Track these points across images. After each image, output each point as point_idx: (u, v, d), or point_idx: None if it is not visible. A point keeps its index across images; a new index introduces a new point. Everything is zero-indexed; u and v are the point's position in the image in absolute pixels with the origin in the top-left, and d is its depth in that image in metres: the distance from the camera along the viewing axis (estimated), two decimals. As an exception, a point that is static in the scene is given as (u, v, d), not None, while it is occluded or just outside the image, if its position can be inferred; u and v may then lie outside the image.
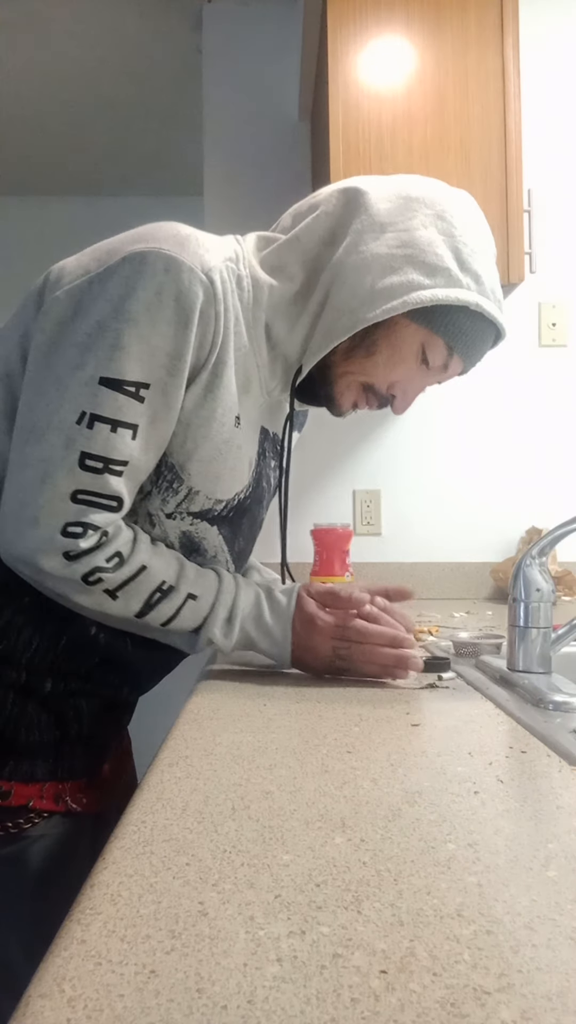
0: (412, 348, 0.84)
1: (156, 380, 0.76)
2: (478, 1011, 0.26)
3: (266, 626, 0.84)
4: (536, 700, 0.71)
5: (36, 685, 0.82)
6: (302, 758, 0.55)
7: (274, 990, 0.27)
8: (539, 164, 2.00)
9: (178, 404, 0.78)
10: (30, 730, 0.81)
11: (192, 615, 0.82)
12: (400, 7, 1.49)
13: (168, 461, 0.82)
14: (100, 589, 0.77)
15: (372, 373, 0.86)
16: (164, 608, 0.80)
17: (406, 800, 0.47)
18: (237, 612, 0.83)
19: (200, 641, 0.83)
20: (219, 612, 0.82)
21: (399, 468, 2.06)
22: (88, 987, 0.28)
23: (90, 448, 0.74)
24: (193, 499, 0.85)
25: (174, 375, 0.76)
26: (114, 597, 0.78)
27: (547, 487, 2.04)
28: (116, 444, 0.75)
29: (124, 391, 0.74)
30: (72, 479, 0.74)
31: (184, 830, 0.42)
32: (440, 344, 0.84)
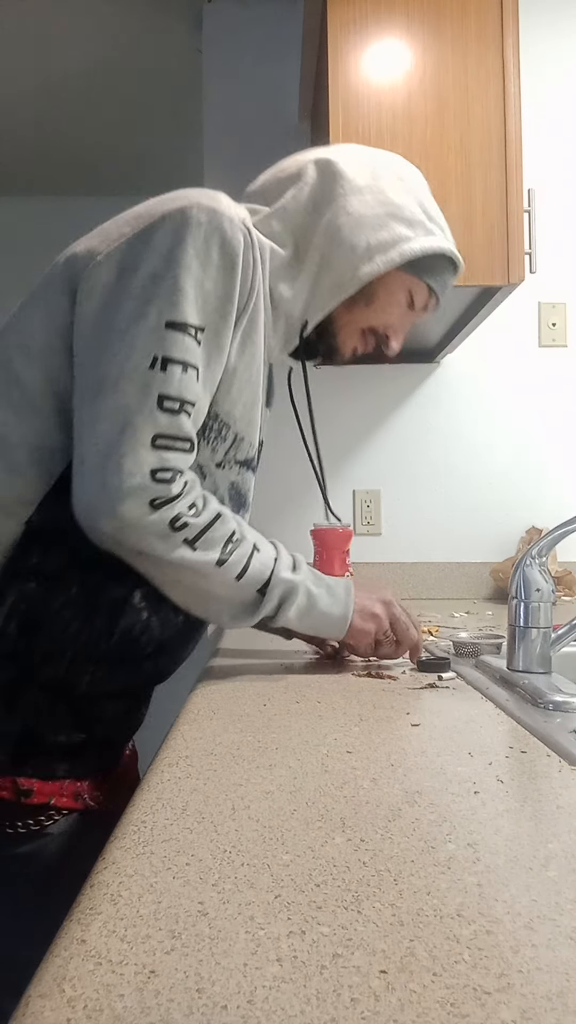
0: (402, 293, 0.96)
1: (210, 324, 0.80)
2: (478, 1011, 0.26)
3: (327, 584, 0.88)
4: (536, 700, 0.71)
5: (72, 683, 0.81)
6: (302, 758, 0.55)
7: (274, 990, 0.27)
8: (539, 164, 2.00)
9: (227, 348, 0.83)
10: (57, 731, 0.81)
11: (260, 567, 0.83)
12: (400, 7, 1.49)
13: (213, 410, 0.85)
14: (181, 538, 0.78)
15: (371, 318, 0.97)
16: (237, 556, 0.81)
17: (406, 800, 0.47)
18: (300, 569, 0.86)
19: (269, 597, 0.83)
20: (284, 561, 0.85)
21: (399, 468, 2.06)
22: (88, 987, 0.28)
23: (166, 390, 0.77)
24: (239, 446, 0.90)
25: (225, 318, 0.81)
26: (194, 548, 0.78)
27: (547, 487, 2.04)
28: (188, 384, 0.78)
29: (189, 333, 0.78)
30: (152, 423, 0.76)
31: (184, 830, 0.42)
32: (423, 288, 0.97)
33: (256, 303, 0.86)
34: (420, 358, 2.04)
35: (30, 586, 0.80)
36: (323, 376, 2.06)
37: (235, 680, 0.84)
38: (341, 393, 2.06)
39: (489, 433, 2.06)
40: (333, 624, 0.87)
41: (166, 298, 0.77)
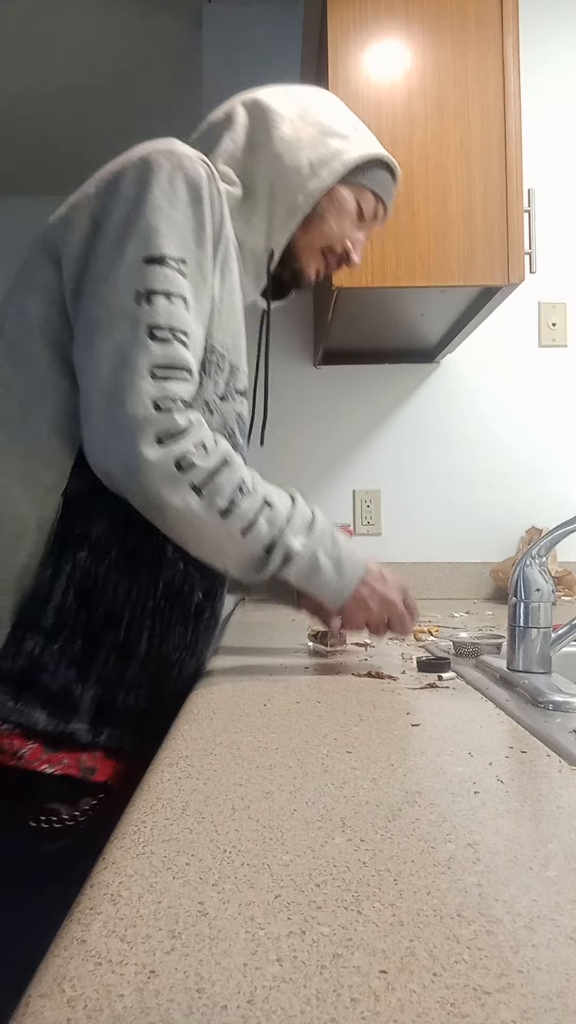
0: (351, 205, 1.00)
1: (190, 255, 0.82)
2: (478, 1011, 0.26)
3: (338, 557, 0.87)
4: (536, 700, 0.71)
5: (135, 644, 0.84)
6: (302, 758, 0.55)
7: (274, 990, 0.27)
8: (539, 164, 2.00)
9: (210, 277, 0.85)
10: (129, 694, 0.84)
11: (268, 525, 0.82)
12: (400, 7, 1.49)
13: (209, 344, 0.87)
14: (188, 482, 0.77)
15: (328, 236, 1.01)
16: (245, 508, 0.81)
17: (406, 800, 0.47)
18: (315, 532, 0.86)
19: (273, 558, 0.83)
20: (296, 522, 0.84)
21: (399, 468, 2.06)
22: (88, 987, 0.28)
23: (155, 320, 0.78)
24: (235, 375, 0.93)
25: (202, 248, 0.84)
26: (200, 494, 0.78)
27: (547, 487, 2.04)
28: (175, 312, 0.79)
29: (169, 265, 0.80)
30: (147, 355, 0.77)
31: (184, 830, 0.42)
32: (369, 195, 1.01)
33: (227, 234, 0.89)
34: (420, 358, 2.04)
35: (81, 555, 0.82)
36: (324, 376, 2.06)
37: (235, 680, 0.84)
38: (341, 393, 2.06)
39: (489, 433, 2.06)
40: (327, 597, 0.88)
41: (140, 236, 0.80)
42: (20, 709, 0.80)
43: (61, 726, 0.81)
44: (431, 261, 1.47)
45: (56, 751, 0.81)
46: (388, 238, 1.47)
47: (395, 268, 1.47)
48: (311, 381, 2.07)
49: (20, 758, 0.80)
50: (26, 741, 0.80)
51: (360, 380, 2.06)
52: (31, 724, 0.80)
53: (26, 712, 0.80)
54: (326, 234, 1.01)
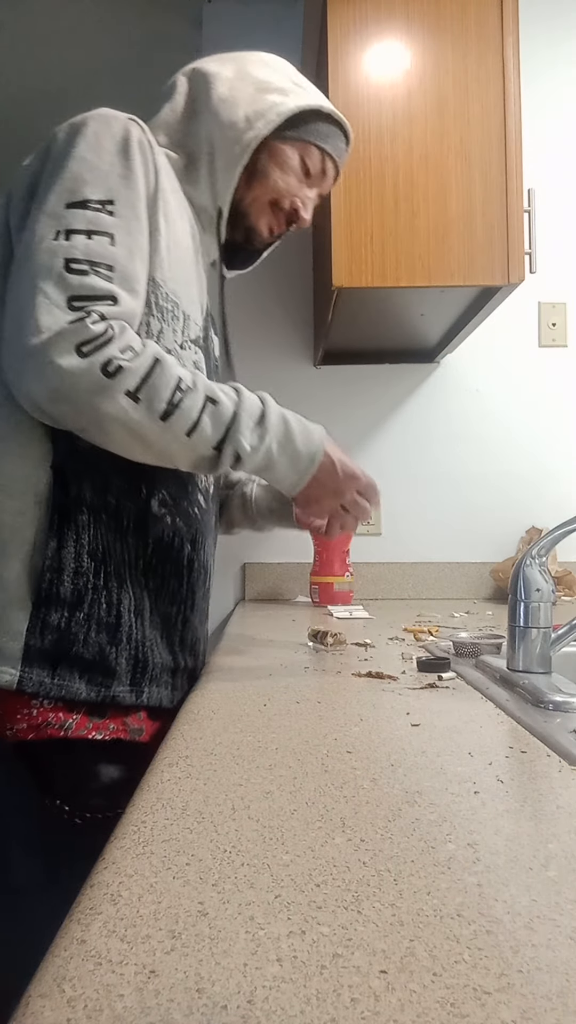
0: (294, 160, 1.01)
1: (117, 195, 0.83)
2: (478, 1011, 0.26)
3: (293, 448, 0.86)
4: (536, 700, 0.71)
5: (140, 602, 0.87)
6: (302, 758, 0.55)
7: (274, 990, 0.27)
8: (539, 164, 2.00)
9: (144, 216, 0.86)
10: (155, 652, 0.86)
11: (214, 423, 0.81)
12: (400, 7, 1.49)
13: (164, 291, 0.89)
14: (122, 389, 0.76)
15: (273, 191, 1.02)
16: (186, 407, 0.79)
17: (406, 800, 0.47)
18: (268, 424, 0.85)
19: (224, 456, 0.82)
20: (243, 419, 0.83)
21: (399, 468, 2.06)
22: (88, 987, 0.28)
23: (72, 254, 0.78)
24: (188, 324, 0.93)
25: (132, 188, 0.84)
26: (136, 399, 0.77)
27: (547, 487, 2.04)
28: (95, 248, 0.79)
29: (91, 208, 0.81)
30: (63, 285, 0.77)
31: (184, 830, 0.42)
32: (312, 149, 1.02)
33: (163, 184, 0.90)
34: (420, 358, 2.04)
35: (82, 519, 0.84)
36: (324, 376, 2.06)
37: (235, 680, 0.84)
38: (341, 393, 2.06)
39: (489, 433, 2.06)
40: (285, 487, 0.89)
41: (63, 186, 0.82)
42: (59, 683, 0.80)
43: (103, 692, 0.82)
44: (431, 261, 1.47)
45: (102, 717, 0.82)
46: (388, 238, 1.47)
47: (395, 268, 1.47)
48: (311, 381, 2.07)
49: (67, 729, 0.81)
50: (70, 713, 0.81)
51: (360, 380, 2.06)
52: (72, 695, 0.81)
53: (65, 685, 0.81)
54: (271, 189, 1.01)
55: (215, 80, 0.99)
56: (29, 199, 0.85)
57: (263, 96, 0.98)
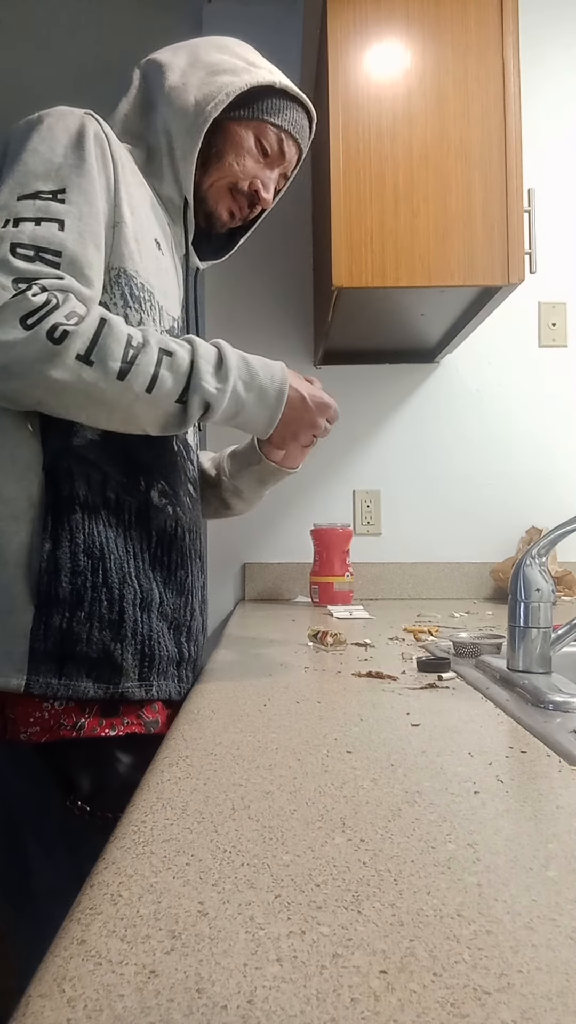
0: (249, 141, 1.00)
1: (70, 183, 0.83)
2: (478, 1011, 0.26)
3: (259, 385, 0.85)
4: (536, 700, 0.71)
5: (150, 594, 0.86)
6: (302, 758, 0.55)
7: (274, 990, 0.27)
8: (539, 164, 2.00)
9: (99, 202, 0.84)
10: (161, 646, 0.86)
11: (173, 375, 0.80)
12: (400, 7, 1.49)
13: (138, 281, 0.88)
14: (72, 354, 0.75)
15: (230, 173, 1.00)
16: (143, 363, 0.78)
17: (406, 800, 0.47)
18: (229, 364, 0.84)
19: (190, 407, 0.81)
20: (202, 366, 0.81)
21: (399, 468, 2.06)
22: (88, 987, 0.28)
23: (18, 239, 0.78)
24: (161, 314, 0.92)
25: (83, 176, 0.83)
26: (89, 362, 0.76)
27: (547, 487, 2.04)
28: (43, 234, 0.79)
29: (41, 198, 0.81)
30: (7, 269, 0.76)
31: (184, 830, 0.42)
32: (267, 128, 1.00)
33: (123, 177, 0.89)
34: (420, 358, 2.04)
35: (75, 517, 0.83)
36: (324, 376, 2.06)
37: (235, 680, 0.84)
38: (341, 393, 2.06)
39: (489, 433, 2.06)
40: (258, 430, 0.89)
41: (15, 178, 0.82)
42: (66, 684, 0.80)
43: (112, 689, 0.82)
44: (431, 261, 1.47)
45: (115, 714, 0.82)
46: (388, 238, 1.47)
47: (395, 268, 1.47)
48: (311, 381, 2.07)
49: (79, 729, 0.81)
50: (82, 712, 0.81)
51: (360, 380, 2.06)
52: (81, 695, 0.81)
53: (72, 685, 0.81)
54: (227, 172, 1.00)
55: (167, 70, 0.98)
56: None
57: (213, 79, 0.96)
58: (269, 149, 1.01)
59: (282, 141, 1.02)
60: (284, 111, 1.01)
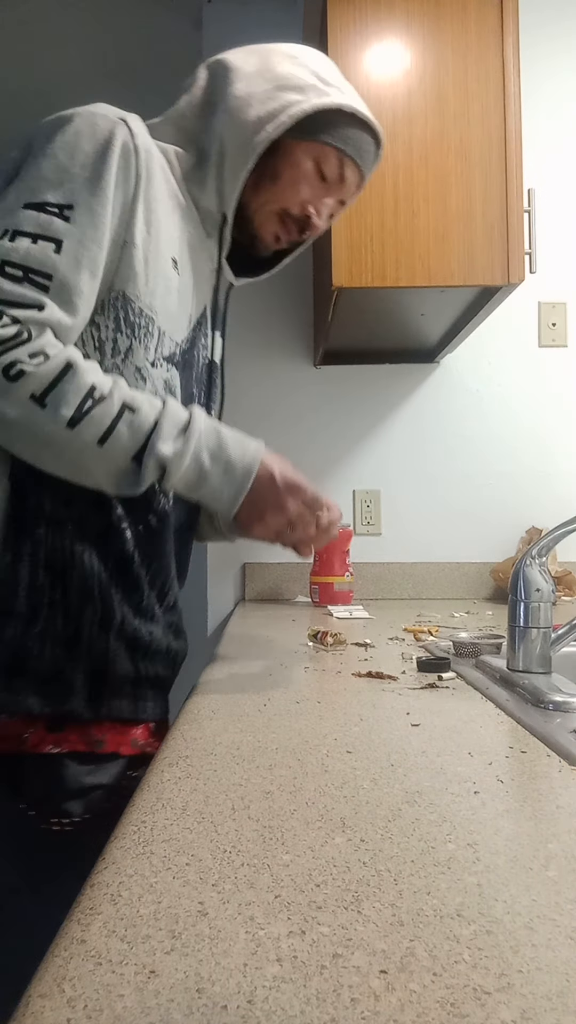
0: (308, 164, 0.93)
1: (79, 201, 0.79)
2: (478, 1011, 0.26)
3: (227, 461, 0.80)
4: (536, 700, 0.71)
5: (111, 616, 0.83)
6: (302, 758, 0.55)
7: (274, 990, 0.27)
8: (539, 164, 2.00)
9: (106, 226, 0.80)
10: (117, 665, 0.83)
11: (131, 432, 0.76)
12: (400, 7, 1.49)
13: (137, 306, 0.85)
14: (26, 393, 0.73)
15: (282, 197, 0.94)
16: (98, 416, 0.75)
17: (406, 800, 0.47)
18: (193, 431, 0.79)
19: (145, 468, 0.77)
20: (166, 427, 0.77)
21: (399, 468, 2.06)
22: (88, 987, 0.28)
23: (9, 256, 0.75)
24: (163, 341, 0.88)
25: (96, 195, 0.80)
26: (42, 404, 0.73)
27: (547, 487, 2.04)
28: (36, 254, 0.76)
29: (47, 211, 0.78)
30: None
31: (184, 830, 0.42)
32: (330, 152, 0.93)
33: (151, 193, 0.85)
34: (420, 358, 2.04)
35: (40, 532, 0.81)
36: (324, 376, 2.06)
37: (235, 680, 0.84)
38: (341, 393, 2.06)
39: (489, 433, 2.06)
40: (222, 506, 0.82)
41: (26, 183, 0.79)
42: (13, 698, 0.80)
43: (58, 707, 0.80)
44: (431, 261, 1.47)
45: (60, 730, 0.81)
46: (388, 238, 1.47)
47: (395, 268, 1.47)
48: (311, 381, 2.07)
49: (23, 743, 0.80)
50: (28, 726, 0.80)
51: (360, 380, 2.06)
52: (28, 709, 0.80)
53: (19, 700, 0.80)
54: (279, 195, 0.94)
55: (234, 75, 0.92)
56: (5, 188, 0.82)
57: (279, 94, 0.90)
58: (328, 174, 0.94)
59: (343, 166, 0.95)
60: (350, 134, 0.94)
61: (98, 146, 0.81)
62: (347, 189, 0.98)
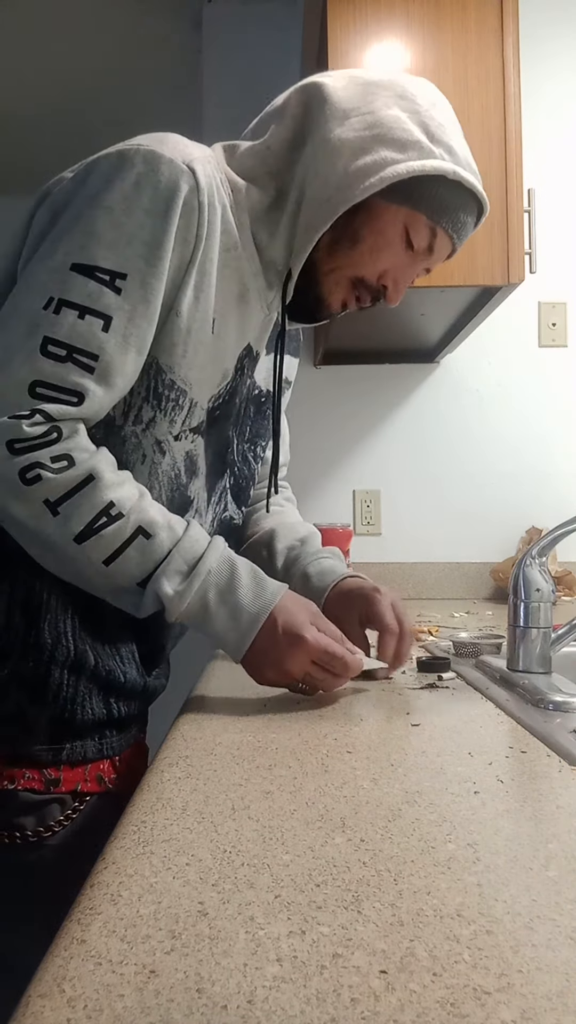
0: (395, 230, 0.82)
1: (133, 270, 0.72)
2: (478, 1011, 0.26)
3: (235, 604, 0.73)
4: (536, 700, 0.71)
5: (84, 656, 0.78)
6: (302, 758, 0.55)
7: (274, 990, 0.27)
8: (539, 164, 2.00)
9: (158, 300, 0.74)
10: (85, 709, 0.78)
11: (141, 559, 0.72)
12: (400, 7, 1.49)
13: (169, 379, 0.79)
14: (40, 497, 0.69)
15: (359, 264, 0.84)
16: (108, 536, 0.70)
17: (406, 800, 0.47)
18: (201, 569, 0.73)
19: (146, 598, 0.73)
20: (175, 561, 0.72)
21: (399, 468, 2.06)
22: (88, 987, 0.28)
23: (54, 333, 0.70)
24: (193, 412, 0.82)
25: (153, 265, 0.73)
26: (55, 512, 0.70)
27: (547, 487, 2.04)
28: (83, 332, 0.71)
29: (97, 278, 0.71)
30: (31, 366, 0.69)
31: (184, 830, 0.42)
32: (422, 221, 0.82)
33: (208, 254, 0.77)
34: (420, 358, 2.04)
35: (20, 573, 0.77)
36: (324, 376, 2.06)
37: (235, 680, 0.84)
38: (341, 393, 2.06)
39: (489, 433, 2.06)
40: (228, 649, 0.75)
41: (76, 239, 0.72)
42: None
43: (18, 748, 0.76)
44: (431, 261, 1.47)
45: (18, 767, 0.76)
46: (388, 238, 1.47)
47: (395, 268, 1.47)
48: (311, 381, 2.07)
49: None
50: None
51: (360, 380, 2.06)
52: None
53: None
54: (357, 263, 0.84)
55: (330, 112, 0.81)
56: (50, 222, 0.76)
57: (376, 148, 0.78)
58: (417, 244, 0.83)
59: (436, 239, 0.84)
60: (449, 203, 0.82)
61: (161, 204, 0.73)
62: (435, 260, 0.87)
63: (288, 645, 0.72)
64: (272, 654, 0.73)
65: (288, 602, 0.74)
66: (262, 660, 0.74)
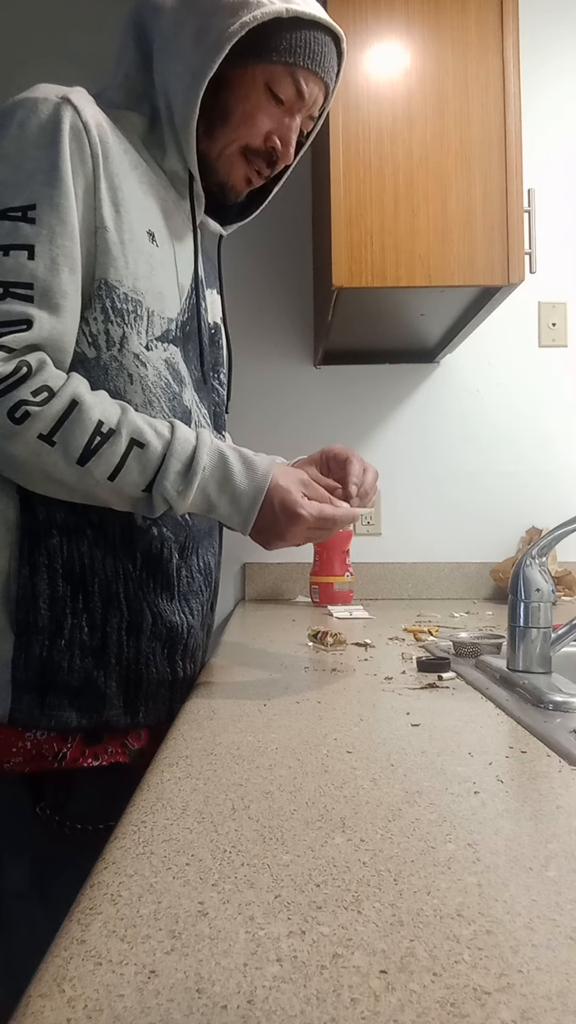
0: (257, 90, 0.84)
1: (41, 197, 0.76)
2: (478, 1011, 0.26)
3: (232, 491, 0.79)
4: (536, 700, 0.71)
5: (138, 616, 0.83)
6: (302, 758, 0.55)
7: (274, 990, 0.27)
8: (539, 164, 2.00)
9: (73, 217, 0.77)
10: (151, 669, 0.83)
11: (141, 467, 0.76)
12: (400, 7, 1.49)
13: (122, 292, 0.81)
14: (34, 433, 0.72)
15: (240, 135, 0.87)
16: (107, 453, 0.74)
17: (406, 800, 0.47)
18: (197, 467, 0.77)
19: (155, 501, 0.77)
20: (171, 464, 0.76)
21: (399, 468, 2.06)
22: (88, 987, 0.28)
23: None
24: (152, 321, 0.85)
25: (56, 187, 0.76)
26: (51, 443, 0.73)
27: (547, 487, 2.04)
28: (11, 267, 0.74)
29: (10, 217, 0.75)
30: None
31: (184, 830, 0.42)
32: (278, 70, 0.84)
33: (111, 168, 0.80)
34: (420, 358, 2.04)
35: (52, 542, 0.80)
36: (324, 376, 2.06)
37: (235, 680, 0.84)
38: (341, 393, 2.06)
39: (489, 433, 2.06)
40: (235, 527, 0.82)
41: None
42: (49, 713, 0.79)
43: (95, 718, 0.80)
44: (431, 261, 1.47)
45: (98, 743, 0.80)
46: (388, 238, 1.47)
47: (395, 268, 1.47)
48: (311, 381, 2.07)
49: (61, 760, 0.79)
50: (64, 742, 0.80)
51: (360, 380, 2.06)
52: (64, 725, 0.79)
53: (55, 715, 0.79)
54: (236, 134, 0.86)
55: (159, 16, 0.84)
56: None
57: (208, 22, 0.80)
58: (284, 95, 0.84)
59: (299, 81, 0.84)
60: (296, 43, 0.82)
61: (46, 134, 0.76)
62: (312, 103, 0.88)
63: (287, 522, 0.80)
64: (275, 529, 0.81)
65: (280, 479, 0.80)
66: (267, 536, 0.82)
